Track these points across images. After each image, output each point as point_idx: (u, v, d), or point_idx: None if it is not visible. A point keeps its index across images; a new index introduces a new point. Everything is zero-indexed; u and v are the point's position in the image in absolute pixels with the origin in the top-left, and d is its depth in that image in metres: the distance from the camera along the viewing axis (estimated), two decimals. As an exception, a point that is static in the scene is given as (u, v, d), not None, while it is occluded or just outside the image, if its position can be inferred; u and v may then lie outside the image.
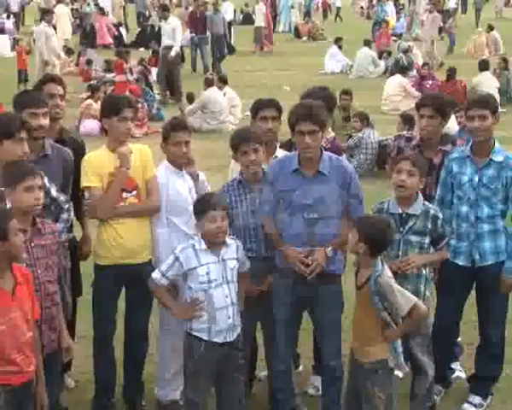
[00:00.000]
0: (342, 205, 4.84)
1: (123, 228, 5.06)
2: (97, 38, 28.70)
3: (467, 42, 26.92)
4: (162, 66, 18.90)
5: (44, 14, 20.22)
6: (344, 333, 5.05)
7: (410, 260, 4.88)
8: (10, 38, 28.61)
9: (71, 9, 31.08)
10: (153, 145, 5.54)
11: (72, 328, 5.25)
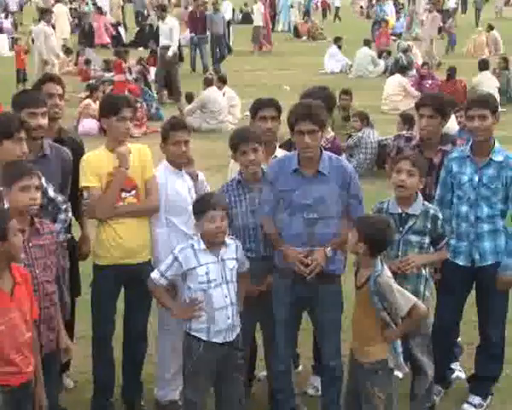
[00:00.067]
0: (342, 205, 4.83)
1: (122, 228, 5.05)
2: (95, 38, 28.66)
3: (467, 41, 26.91)
4: (160, 66, 18.87)
5: (43, 13, 20.14)
6: (344, 333, 5.04)
7: (410, 260, 4.87)
8: (9, 38, 28.63)
9: (69, 9, 31.02)
10: (152, 145, 5.52)
11: (70, 328, 5.24)
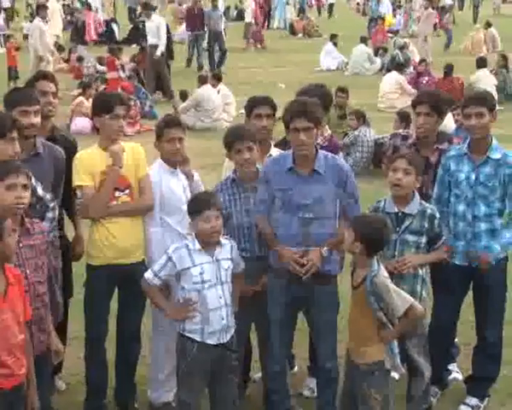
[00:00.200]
0: (338, 204, 4.78)
1: (116, 227, 5.00)
2: (85, 35, 28.51)
3: (464, 38, 26.89)
4: (149, 65, 18.37)
5: (39, 9, 19.91)
6: (340, 334, 5.00)
7: (407, 260, 4.84)
8: (1, 35, 28.42)
9: (62, 5, 30.90)
10: (145, 144, 5.48)
11: (63, 329, 5.19)
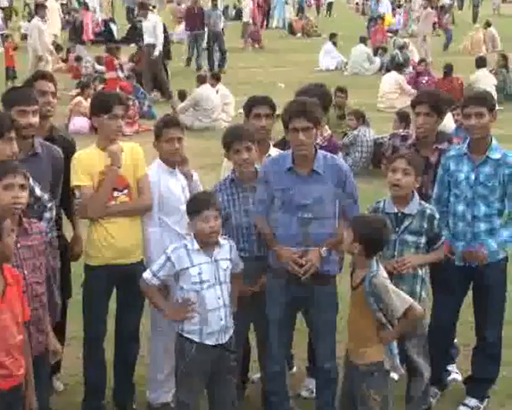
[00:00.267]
0: (338, 205, 4.77)
1: (114, 227, 4.99)
2: (83, 34, 28.44)
3: (463, 38, 26.86)
4: (146, 66, 18.11)
5: (38, 8, 19.81)
6: (339, 334, 4.99)
7: (406, 260, 4.83)
8: (-1, 34, 28.41)
9: (60, 5, 30.82)
10: (144, 144, 5.47)
11: (62, 329, 5.17)
